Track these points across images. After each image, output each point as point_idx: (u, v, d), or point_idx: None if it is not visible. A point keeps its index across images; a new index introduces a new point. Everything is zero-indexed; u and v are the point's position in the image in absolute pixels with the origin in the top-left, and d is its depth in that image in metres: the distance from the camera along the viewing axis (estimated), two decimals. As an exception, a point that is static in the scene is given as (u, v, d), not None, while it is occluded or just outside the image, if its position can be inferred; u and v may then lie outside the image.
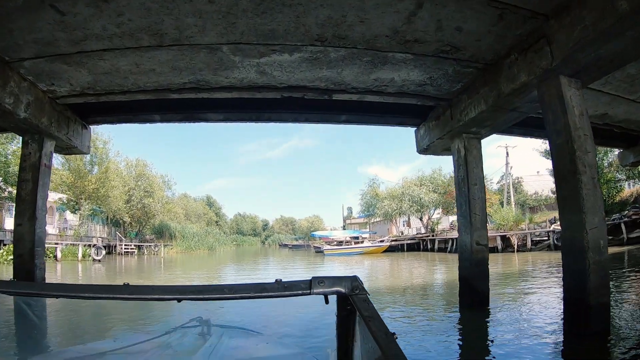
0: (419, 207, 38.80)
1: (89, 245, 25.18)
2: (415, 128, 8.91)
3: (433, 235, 38.41)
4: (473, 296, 6.83)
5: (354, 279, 1.06)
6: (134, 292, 1.11)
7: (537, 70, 4.79)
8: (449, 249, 32.97)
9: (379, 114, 8.08)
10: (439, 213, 42.82)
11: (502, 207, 34.75)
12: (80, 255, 23.99)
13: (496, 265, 18.32)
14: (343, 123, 8.39)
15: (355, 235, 42.00)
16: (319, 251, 40.19)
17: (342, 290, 1.04)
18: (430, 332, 5.88)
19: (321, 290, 1.03)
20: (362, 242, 37.19)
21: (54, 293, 1.20)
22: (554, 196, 38.28)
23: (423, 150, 8.91)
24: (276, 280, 1.06)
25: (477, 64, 5.79)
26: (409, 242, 38.89)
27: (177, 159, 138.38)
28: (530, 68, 4.92)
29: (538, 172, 46.32)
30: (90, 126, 8.16)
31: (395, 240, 38.30)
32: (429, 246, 36.82)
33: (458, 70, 6.02)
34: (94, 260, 24.08)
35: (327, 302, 1.06)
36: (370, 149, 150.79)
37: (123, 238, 35.09)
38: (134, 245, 35.24)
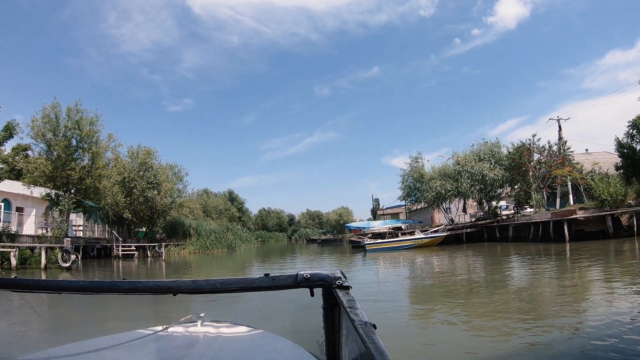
0: (481, 187, 30.86)
1: (60, 249, 19.18)
2: None
3: (498, 222, 30.62)
4: None
5: (337, 272, 1.09)
6: (131, 286, 1.13)
7: None
8: (530, 237, 25.13)
9: None
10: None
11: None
12: (43, 261, 18.07)
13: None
14: None
15: (397, 225, 34.63)
16: (356, 246, 33.12)
17: (326, 283, 1.08)
18: None
19: (306, 283, 1.07)
20: (412, 233, 29.79)
21: (56, 289, 1.20)
22: (617, 173, 30.54)
23: None
24: (265, 274, 1.09)
25: None
26: (469, 230, 31.22)
27: (201, 158, 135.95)
28: None
29: (587, 149, 41.05)
30: None
31: (452, 230, 30.73)
32: (498, 235, 29.06)
33: None
34: (67, 268, 18.15)
35: (312, 294, 1.11)
36: (393, 140, 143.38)
37: (120, 238, 29.30)
38: (134, 247, 29.39)
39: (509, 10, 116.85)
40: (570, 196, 30.10)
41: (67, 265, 17.86)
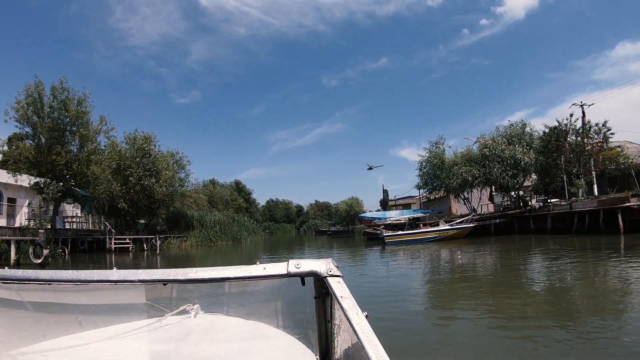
0: (515, 172, 27.62)
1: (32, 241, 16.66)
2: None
3: (530, 211, 27.49)
4: None
5: (329, 261, 1.06)
6: (120, 276, 1.11)
7: None
8: (574, 228, 22.01)
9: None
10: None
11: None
12: (13, 256, 15.58)
13: None
14: None
15: (417, 215, 31.72)
16: (372, 238, 30.32)
17: (318, 272, 1.04)
18: None
19: (298, 272, 1.04)
20: (435, 224, 26.87)
21: (45, 280, 1.16)
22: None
23: None
24: (256, 262, 1.06)
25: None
26: (497, 221, 28.15)
27: (208, 150, 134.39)
28: None
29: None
30: None
31: (479, 220, 27.70)
32: (532, 226, 25.96)
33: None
34: (40, 265, 15.67)
35: (303, 283, 1.08)
36: (401, 132, 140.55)
37: (113, 230, 26.89)
38: (129, 239, 26.97)
39: (518, 0, 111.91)
40: (595, 186, 26.92)
41: (39, 261, 15.36)
